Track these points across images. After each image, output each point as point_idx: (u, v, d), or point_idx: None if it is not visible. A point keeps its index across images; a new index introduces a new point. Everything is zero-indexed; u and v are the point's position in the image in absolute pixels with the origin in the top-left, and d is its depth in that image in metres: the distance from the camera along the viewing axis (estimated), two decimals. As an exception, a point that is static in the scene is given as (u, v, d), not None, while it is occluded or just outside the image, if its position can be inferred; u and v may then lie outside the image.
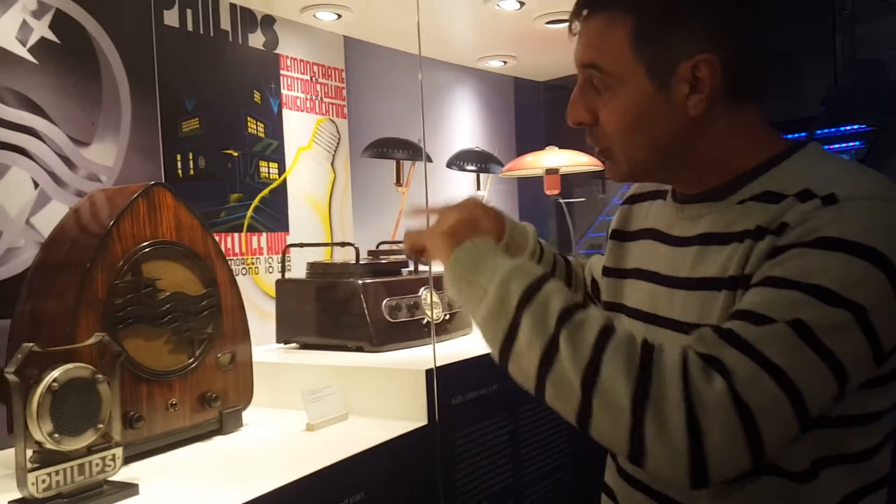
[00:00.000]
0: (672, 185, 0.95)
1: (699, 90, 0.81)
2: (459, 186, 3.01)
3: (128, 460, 1.28)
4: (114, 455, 1.22)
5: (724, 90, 0.82)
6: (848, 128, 6.47)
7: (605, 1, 0.85)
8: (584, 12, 0.87)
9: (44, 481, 1.12)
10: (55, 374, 1.13)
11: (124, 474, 1.25)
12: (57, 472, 1.14)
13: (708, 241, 0.86)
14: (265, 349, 1.99)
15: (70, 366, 1.16)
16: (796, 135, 6.81)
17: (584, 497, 2.00)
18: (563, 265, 1.22)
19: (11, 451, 1.43)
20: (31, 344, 1.12)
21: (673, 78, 0.82)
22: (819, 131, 6.35)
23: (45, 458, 1.13)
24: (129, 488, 1.21)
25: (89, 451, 1.18)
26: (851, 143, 6.65)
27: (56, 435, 1.13)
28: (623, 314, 1.00)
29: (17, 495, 1.14)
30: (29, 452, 1.13)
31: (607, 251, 1.07)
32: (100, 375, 1.20)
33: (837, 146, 6.83)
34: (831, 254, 0.71)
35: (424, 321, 1.95)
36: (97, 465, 1.19)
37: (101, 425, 1.19)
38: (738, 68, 0.82)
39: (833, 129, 6.49)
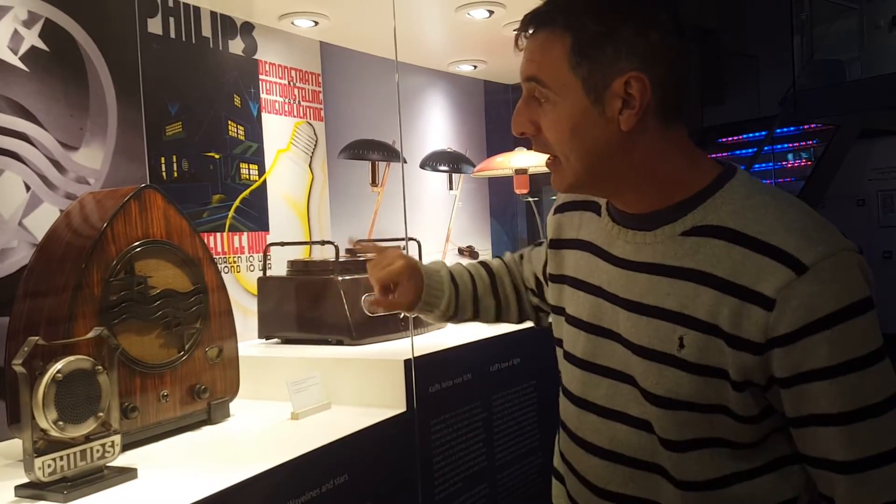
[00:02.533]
0: (613, 200, 1.01)
1: (631, 105, 0.88)
2: (433, 186, 3.10)
3: (123, 448, 1.34)
4: (113, 442, 1.29)
5: (655, 108, 0.89)
6: (806, 126, 6.68)
7: (547, 19, 0.92)
8: (530, 30, 0.94)
9: (49, 466, 1.20)
10: (59, 365, 1.21)
11: (121, 461, 1.32)
12: (61, 458, 1.21)
13: (657, 271, 0.93)
14: (248, 344, 2.07)
15: (72, 358, 1.24)
16: (756, 134, 7.01)
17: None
18: (486, 279, 1.30)
19: (7, 443, 1.51)
20: (37, 337, 1.20)
21: (607, 93, 0.88)
22: (778, 130, 6.55)
23: (50, 445, 1.21)
24: (129, 472, 1.29)
25: (88, 438, 1.26)
26: (809, 142, 6.87)
27: (60, 423, 1.20)
28: (563, 318, 1.08)
29: (19, 482, 1.22)
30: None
31: (549, 259, 1.14)
32: (100, 367, 1.28)
33: (796, 144, 7.04)
34: (846, 325, 0.82)
35: (401, 315, 2.05)
36: (97, 451, 1.27)
37: (101, 414, 1.27)
38: (666, 89, 0.89)
39: (792, 129, 6.69)
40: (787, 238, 0.85)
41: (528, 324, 1.35)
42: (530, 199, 2.88)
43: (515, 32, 0.96)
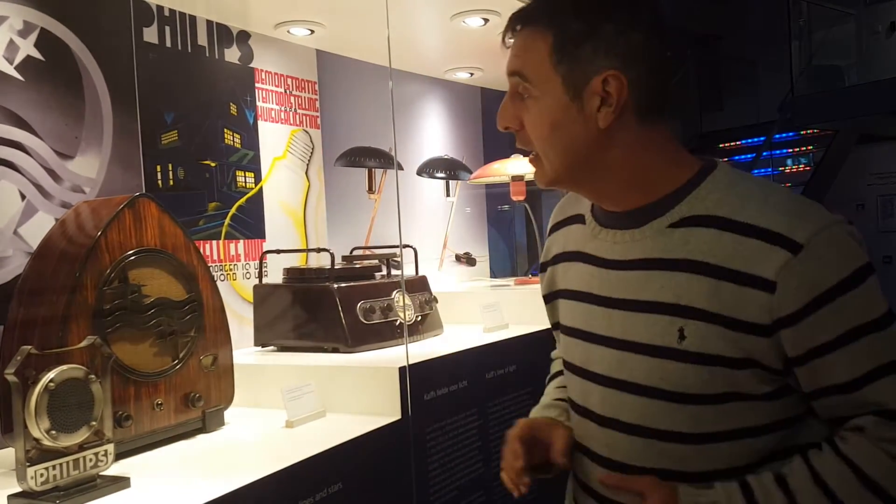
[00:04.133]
0: (596, 199, 1.02)
1: (608, 103, 0.90)
2: (430, 193, 3.11)
3: (117, 457, 1.34)
4: (106, 451, 1.29)
5: (633, 107, 0.92)
6: (804, 132, 6.69)
7: (532, 18, 0.95)
8: (518, 27, 0.97)
9: (42, 475, 1.20)
10: (52, 374, 1.21)
11: (115, 469, 1.32)
12: (54, 467, 1.21)
13: (649, 266, 0.94)
14: (244, 352, 2.07)
15: (65, 367, 1.24)
16: (755, 139, 7.02)
17: (548, 487, 2.11)
18: None
19: (2, 452, 1.51)
20: (30, 347, 1.20)
21: (585, 90, 0.91)
22: (777, 136, 6.56)
23: (43, 455, 1.21)
24: (122, 481, 1.29)
25: (82, 447, 1.26)
26: (808, 147, 6.88)
27: (53, 432, 1.20)
28: (560, 332, 1.10)
29: (13, 490, 1.22)
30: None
31: (542, 282, 1.17)
32: (92, 376, 1.28)
33: (795, 150, 7.05)
34: (849, 295, 0.84)
35: (397, 322, 2.05)
36: (90, 460, 1.27)
37: (93, 423, 1.27)
38: (644, 88, 0.91)
39: (790, 134, 6.70)
40: (777, 219, 0.87)
41: (524, 330, 1.35)
42: (527, 205, 2.88)
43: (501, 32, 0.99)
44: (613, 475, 0.98)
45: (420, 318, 2.14)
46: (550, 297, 1.14)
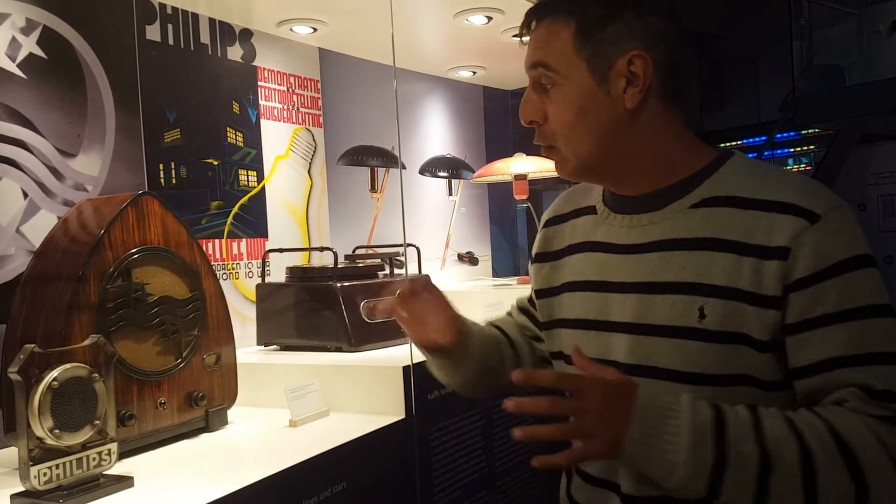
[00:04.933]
0: (615, 184, 1.01)
1: (635, 84, 0.92)
2: (432, 192, 3.10)
3: (120, 456, 1.34)
4: (109, 450, 1.29)
5: (657, 88, 0.93)
6: (806, 131, 6.68)
7: (551, 10, 0.96)
8: (534, 22, 0.98)
9: (45, 474, 1.19)
10: (55, 373, 1.20)
11: (118, 468, 1.32)
12: (57, 466, 1.21)
13: (669, 247, 0.94)
14: (246, 351, 2.06)
15: (68, 365, 1.23)
16: (756, 139, 7.01)
17: (552, 487, 2.10)
18: (492, 338, 1.20)
19: (6, 451, 1.50)
20: (33, 345, 1.19)
21: (611, 72, 0.92)
22: (778, 135, 6.55)
23: (46, 454, 1.20)
24: (125, 481, 1.28)
25: (85, 446, 1.25)
26: (809, 147, 6.87)
27: (56, 431, 1.19)
28: (562, 328, 1.07)
29: (15, 490, 1.21)
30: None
31: (533, 275, 1.14)
32: (96, 374, 1.27)
33: (796, 150, 7.04)
34: (855, 273, 0.85)
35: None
36: (94, 459, 1.26)
37: (97, 422, 1.26)
38: (667, 69, 0.93)
39: (791, 134, 6.69)
40: (795, 193, 0.88)
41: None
42: (529, 205, 2.88)
43: (518, 30, 1.00)
44: (584, 357, 0.88)
45: (423, 317, 2.13)
46: (552, 292, 1.10)
